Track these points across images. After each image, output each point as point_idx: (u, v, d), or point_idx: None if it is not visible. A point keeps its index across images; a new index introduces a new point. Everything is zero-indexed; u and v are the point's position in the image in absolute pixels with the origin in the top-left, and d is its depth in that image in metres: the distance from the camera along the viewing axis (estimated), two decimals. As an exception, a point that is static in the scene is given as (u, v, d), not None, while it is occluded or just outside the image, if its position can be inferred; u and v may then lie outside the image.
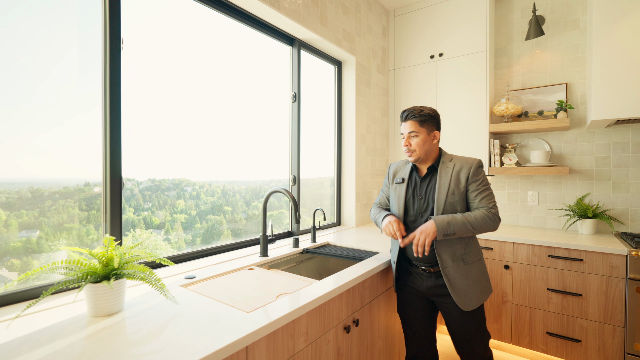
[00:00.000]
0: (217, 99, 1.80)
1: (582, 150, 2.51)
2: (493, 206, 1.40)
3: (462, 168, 1.44)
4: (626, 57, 2.00)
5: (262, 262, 1.61)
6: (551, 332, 2.13)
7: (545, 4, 2.63)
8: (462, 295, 1.39)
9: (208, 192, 1.80)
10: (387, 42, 3.10)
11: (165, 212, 1.58)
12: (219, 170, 1.84)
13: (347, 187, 2.66)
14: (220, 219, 1.86)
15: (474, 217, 1.36)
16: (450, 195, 1.42)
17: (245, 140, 1.99)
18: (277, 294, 1.19)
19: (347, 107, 2.65)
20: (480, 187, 1.42)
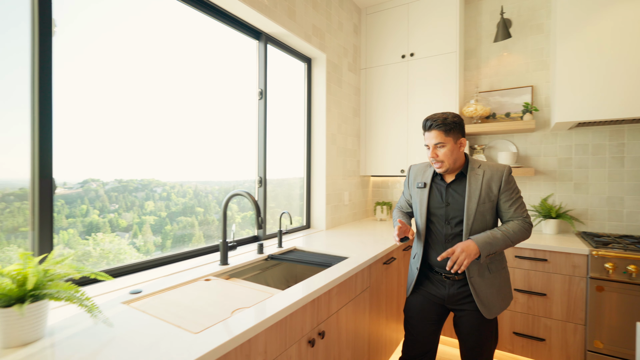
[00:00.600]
0: (186, 95, 1.66)
1: (546, 152, 2.57)
2: (527, 215, 1.40)
3: (493, 176, 1.41)
4: (587, 62, 2.05)
5: (221, 272, 1.48)
6: (517, 332, 2.15)
7: (512, 7, 2.67)
8: (486, 304, 1.38)
9: (179, 193, 1.72)
10: (359, 40, 3.05)
11: (133, 214, 1.51)
12: (191, 170, 1.76)
13: (317, 189, 2.57)
14: (192, 221, 1.78)
15: (512, 232, 1.35)
16: (481, 205, 1.39)
17: (218, 139, 1.86)
18: (234, 308, 1.08)
19: (317, 105, 2.56)
20: (514, 196, 1.40)
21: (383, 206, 3.06)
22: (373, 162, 3.01)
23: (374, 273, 1.83)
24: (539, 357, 2.09)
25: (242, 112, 2.03)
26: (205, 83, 1.79)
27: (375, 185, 3.35)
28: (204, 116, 1.80)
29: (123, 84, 1.43)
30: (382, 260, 1.95)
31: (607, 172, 2.37)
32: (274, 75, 2.24)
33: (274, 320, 1.03)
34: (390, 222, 2.99)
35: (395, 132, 2.88)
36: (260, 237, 2.11)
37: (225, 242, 1.55)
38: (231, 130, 1.96)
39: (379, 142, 2.97)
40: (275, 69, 2.26)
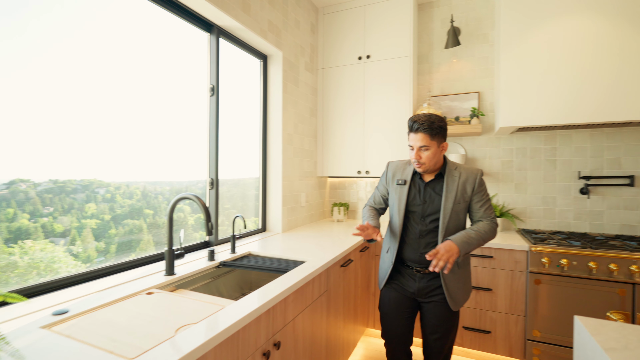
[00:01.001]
0: (133, 89, 1.48)
1: (491, 154, 2.73)
2: (494, 216, 1.53)
3: (468, 178, 1.51)
4: (526, 72, 2.20)
5: (166, 283, 1.36)
6: (466, 326, 2.26)
7: (461, 17, 2.81)
8: (454, 297, 1.49)
9: (125, 194, 1.58)
10: (316, 39, 3.02)
11: (71, 217, 1.36)
12: (139, 170, 1.61)
13: (273, 190, 2.49)
14: (140, 224, 1.64)
15: (484, 232, 1.47)
16: (457, 205, 1.49)
17: (168, 137, 1.70)
18: (179, 325, 0.98)
19: (273, 104, 2.48)
20: (484, 198, 1.52)
21: (340, 207, 3.06)
22: (330, 163, 2.99)
23: (331, 276, 1.80)
24: (486, 348, 2.21)
25: (194, 108, 1.89)
26: (153, 76, 1.63)
27: (332, 186, 3.34)
28: (153, 112, 1.64)
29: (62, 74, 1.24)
30: (340, 263, 1.93)
31: (542, 174, 2.58)
32: (227, 72, 2.12)
33: (224, 336, 0.94)
34: (348, 222, 2.99)
35: (352, 134, 2.89)
36: (212, 243, 1.99)
37: (172, 250, 1.42)
38: (183, 127, 1.82)
39: (336, 143, 2.96)
40: (229, 65, 2.15)
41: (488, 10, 2.72)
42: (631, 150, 2.36)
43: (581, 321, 0.99)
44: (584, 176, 2.44)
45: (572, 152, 2.50)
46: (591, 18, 2.06)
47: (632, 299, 1.86)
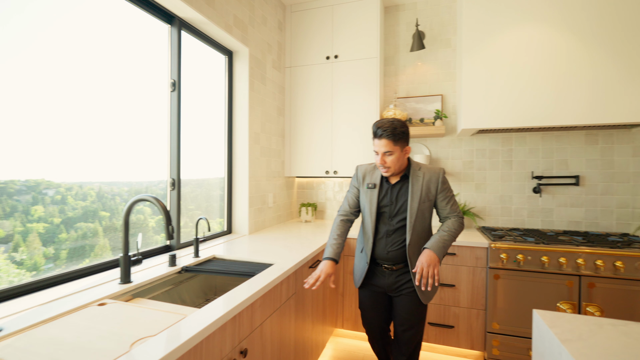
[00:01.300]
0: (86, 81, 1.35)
1: (453, 155, 2.84)
2: (459, 211, 1.62)
3: (432, 178, 1.59)
4: (486, 77, 2.31)
5: (121, 292, 1.25)
6: (431, 322, 2.32)
7: (426, 21, 2.89)
8: (424, 291, 1.58)
9: (78, 196, 1.46)
10: (284, 37, 2.97)
11: (14, 221, 1.24)
12: (94, 170, 1.49)
13: (240, 191, 2.41)
14: (95, 227, 1.52)
15: (454, 230, 1.56)
16: (422, 204, 1.57)
17: (126, 134, 1.57)
18: (135, 339, 0.90)
19: (239, 102, 2.40)
20: (449, 195, 1.61)
21: (308, 207, 3.04)
22: (298, 162, 2.96)
23: (300, 278, 1.77)
24: (449, 342, 2.29)
25: (154, 104, 1.78)
26: (109, 69, 1.50)
27: (300, 186, 3.31)
28: (108, 107, 1.51)
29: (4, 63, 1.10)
30: (308, 264, 1.90)
31: (499, 174, 2.72)
32: (190, 67, 2.02)
33: (186, 348, 0.88)
34: (316, 223, 2.98)
35: (320, 133, 2.87)
36: (174, 247, 1.88)
37: (128, 256, 1.32)
38: (142, 124, 1.70)
39: (304, 142, 2.93)
40: (192, 60, 2.04)
41: (451, 16, 2.82)
42: (577, 152, 2.55)
43: (539, 315, 1.04)
44: (536, 176, 2.61)
45: (526, 154, 2.66)
46: (543, 29, 2.19)
47: (579, 289, 2.01)
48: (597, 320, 0.99)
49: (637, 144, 2.44)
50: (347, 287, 2.51)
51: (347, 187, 3.14)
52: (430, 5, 2.88)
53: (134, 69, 1.67)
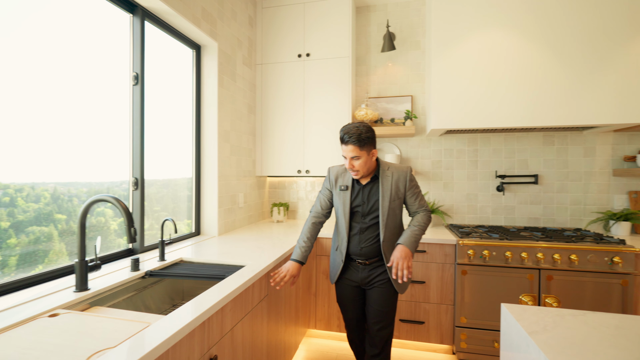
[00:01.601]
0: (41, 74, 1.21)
1: (422, 155, 2.91)
2: (427, 205, 1.73)
3: (400, 177, 1.67)
4: (454, 79, 2.38)
5: (77, 301, 1.15)
6: (403, 319, 2.36)
7: (396, 23, 2.94)
8: (399, 283, 1.66)
9: (30, 197, 1.34)
10: (255, 33, 2.90)
11: None
12: (48, 169, 1.37)
13: (208, 190, 2.32)
14: (50, 231, 1.39)
15: (424, 224, 1.67)
16: (393, 202, 1.65)
17: (85, 130, 1.44)
18: (91, 352, 0.82)
19: (208, 99, 2.31)
20: (417, 192, 1.70)
21: (280, 207, 2.99)
22: (269, 162, 2.90)
23: (272, 280, 1.73)
24: (420, 338, 2.34)
25: (116, 99, 1.66)
26: (64, 60, 1.38)
27: (271, 186, 3.25)
28: (65, 100, 1.38)
29: None
30: (281, 265, 1.86)
31: (466, 173, 2.82)
32: (156, 61, 1.91)
33: (150, 359, 0.82)
34: (288, 223, 2.94)
35: (292, 132, 2.84)
36: (137, 250, 1.77)
37: (84, 262, 1.22)
38: (103, 120, 1.57)
39: (276, 141, 2.88)
40: (158, 53, 1.93)
41: (420, 19, 2.89)
42: (536, 152, 2.70)
43: (507, 308, 1.08)
44: (499, 175, 2.73)
45: (490, 154, 2.78)
46: (506, 34, 2.29)
47: (539, 282, 2.12)
48: (559, 311, 1.04)
49: (587, 145, 2.62)
50: (320, 287, 2.49)
51: (320, 187, 3.12)
52: (400, 7, 2.93)
53: (94, 61, 1.55)
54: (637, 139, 2.55)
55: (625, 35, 2.14)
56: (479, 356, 2.21)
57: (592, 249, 2.04)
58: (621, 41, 2.14)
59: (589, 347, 0.81)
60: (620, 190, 2.57)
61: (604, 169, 2.60)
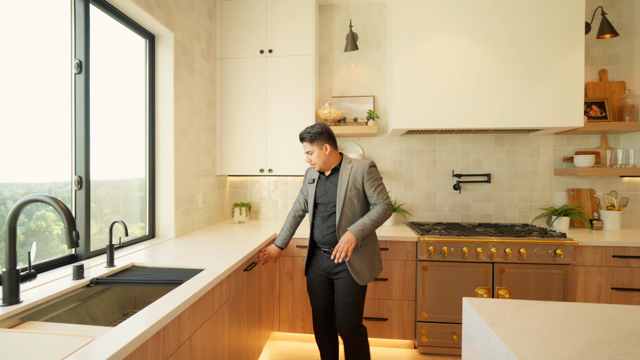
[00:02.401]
0: None
1: (385, 154, 2.96)
2: (386, 198, 1.77)
3: (358, 169, 1.78)
4: (414, 81, 2.44)
5: (5, 316, 1.00)
6: (366, 316, 2.38)
7: (358, 23, 2.97)
8: (358, 273, 1.74)
9: None
10: (214, 26, 2.78)
11: None
12: None
13: (164, 190, 2.18)
14: None
15: (377, 216, 1.72)
16: (349, 191, 1.76)
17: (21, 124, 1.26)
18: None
19: (163, 93, 2.16)
20: (375, 184, 1.77)
21: (242, 207, 2.89)
22: (231, 160, 2.79)
23: (234, 283, 1.65)
24: (383, 334, 2.37)
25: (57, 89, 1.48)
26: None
27: (233, 185, 3.13)
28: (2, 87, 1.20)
29: None
30: (243, 267, 1.79)
31: (425, 173, 2.92)
32: (104, 49, 1.74)
33: (93, 378, 0.73)
34: (250, 223, 2.85)
35: (255, 130, 2.76)
36: (81, 256, 1.60)
37: (15, 271, 1.07)
38: (42, 112, 1.40)
39: (237, 139, 2.78)
40: (106, 40, 1.77)
41: (382, 21, 2.94)
42: (488, 152, 2.86)
43: (468, 302, 1.11)
44: (456, 174, 2.86)
45: (447, 154, 2.90)
46: (461, 40, 2.40)
47: (492, 275, 2.24)
48: (515, 302, 1.09)
49: (532, 146, 2.83)
50: (284, 288, 2.44)
51: (283, 187, 3.07)
52: (362, 9, 2.96)
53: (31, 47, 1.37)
54: (573, 141, 2.80)
55: (563, 49, 2.33)
56: (439, 349, 2.29)
57: (538, 242, 2.20)
58: (560, 53, 2.33)
59: (543, 335, 0.85)
60: (560, 188, 2.81)
61: (547, 168, 2.82)
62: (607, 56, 2.76)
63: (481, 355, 0.97)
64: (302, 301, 2.43)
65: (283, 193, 3.07)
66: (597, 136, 2.77)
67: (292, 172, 2.73)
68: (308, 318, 2.43)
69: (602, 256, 2.20)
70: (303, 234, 2.41)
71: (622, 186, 2.74)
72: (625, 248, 2.17)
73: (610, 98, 2.67)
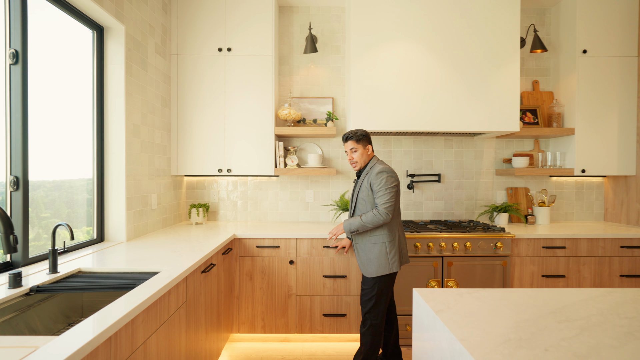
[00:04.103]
0: None
1: (343, 155, 3.04)
2: (384, 203, 1.88)
3: (373, 171, 1.95)
4: (371, 86, 2.55)
5: None
6: (326, 313, 2.44)
7: (318, 26, 3.02)
8: (363, 264, 1.99)
9: None
10: (169, 21, 2.68)
11: None
12: None
13: (114, 191, 2.06)
14: None
15: (366, 218, 1.91)
16: (361, 192, 2.00)
17: None
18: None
19: (113, 88, 2.05)
20: (379, 189, 1.91)
21: (199, 208, 2.81)
22: (188, 160, 2.71)
23: (191, 285, 1.62)
24: (342, 330, 2.44)
25: None
26: None
27: (189, 185, 3.04)
28: None
29: None
30: (201, 269, 1.76)
31: (382, 172, 3.05)
32: (43, 39, 1.62)
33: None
34: (209, 225, 2.78)
35: (213, 129, 2.70)
36: (18, 264, 1.48)
37: (-61, 281, 0.96)
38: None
39: (195, 138, 2.71)
40: (47, 30, 1.64)
41: (340, 25, 3.02)
42: (439, 154, 3.06)
43: (417, 292, 1.20)
44: (410, 174, 3.02)
45: (402, 155, 3.05)
46: (413, 48, 2.55)
47: (442, 268, 2.41)
48: (459, 291, 1.20)
49: (477, 149, 3.07)
50: (244, 289, 2.42)
51: (242, 187, 3.04)
52: (322, 12, 3.02)
53: (-50, 29, 1.24)
54: (512, 145, 3.08)
55: (502, 60, 2.56)
56: (394, 340, 2.41)
57: (481, 237, 2.40)
58: (500, 65, 2.56)
59: (481, 317, 0.96)
60: (501, 186, 3.08)
61: (489, 169, 3.08)
62: (539, 68, 3.08)
63: (429, 341, 1.05)
64: (263, 301, 2.42)
65: (242, 193, 3.03)
66: (531, 140, 3.08)
67: (252, 172, 2.71)
68: (268, 318, 2.43)
69: (534, 248, 2.45)
70: (260, 234, 2.41)
71: (551, 185, 3.08)
72: (552, 240, 2.45)
73: (541, 106, 2.98)
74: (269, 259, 2.42)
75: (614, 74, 2.76)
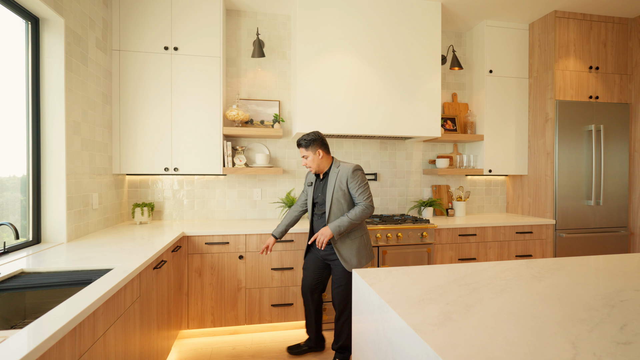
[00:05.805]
0: None
1: (289, 155, 3.22)
2: (367, 198, 2.02)
3: (344, 172, 2.04)
4: (314, 91, 2.76)
5: None
6: (274, 303, 2.59)
7: (265, 32, 3.15)
8: (347, 260, 2.06)
9: None
10: (110, 15, 2.59)
11: None
12: None
13: (53, 190, 1.98)
14: None
15: (354, 214, 1.99)
16: (336, 192, 2.04)
17: None
18: None
19: (52, 84, 1.96)
20: (357, 185, 2.02)
21: (143, 208, 2.77)
22: (130, 158, 2.65)
23: (144, 281, 1.66)
24: (289, 318, 2.62)
25: None
26: None
27: (132, 185, 2.96)
28: None
29: None
30: (153, 265, 1.80)
31: (325, 172, 3.29)
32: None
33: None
34: (153, 224, 2.75)
35: (158, 127, 2.68)
36: (-52, 267, 1.39)
37: None
38: None
39: (138, 136, 2.66)
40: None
41: (286, 32, 3.19)
42: (376, 155, 3.40)
43: (356, 272, 1.43)
44: (350, 173, 3.31)
45: (343, 156, 3.33)
46: (354, 58, 2.83)
47: (377, 257, 2.72)
48: (389, 269, 1.46)
49: (408, 151, 3.48)
50: (192, 285, 2.47)
51: (189, 186, 3.05)
52: (269, 18, 3.16)
53: None
54: (436, 148, 3.55)
55: (427, 74, 2.97)
56: (336, 323, 2.66)
57: (410, 227, 2.76)
58: (424, 78, 2.97)
59: (404, 286, 1.21)
60: (427, 184, 3.53)
61: (418, 169, 3.50)
62: (457, 83, 3.59)
63: (364, 311, 1.29)
64: (212, 296, 2.50)
65: (189, 192, 3.04)
66: (451, 144, 3.58)
67: (200, 171, 2.75)
68: (218, 312, 2.51)
69: (452, 236, 2.89)
70: (210, 231, 2.48)
71: (467, 183, 3.61)
72: (466, 229, 2.92)
73: (459, 115, 3.49)
74: (218, 255, 2.50)
75: (513, 91, 3.35)
